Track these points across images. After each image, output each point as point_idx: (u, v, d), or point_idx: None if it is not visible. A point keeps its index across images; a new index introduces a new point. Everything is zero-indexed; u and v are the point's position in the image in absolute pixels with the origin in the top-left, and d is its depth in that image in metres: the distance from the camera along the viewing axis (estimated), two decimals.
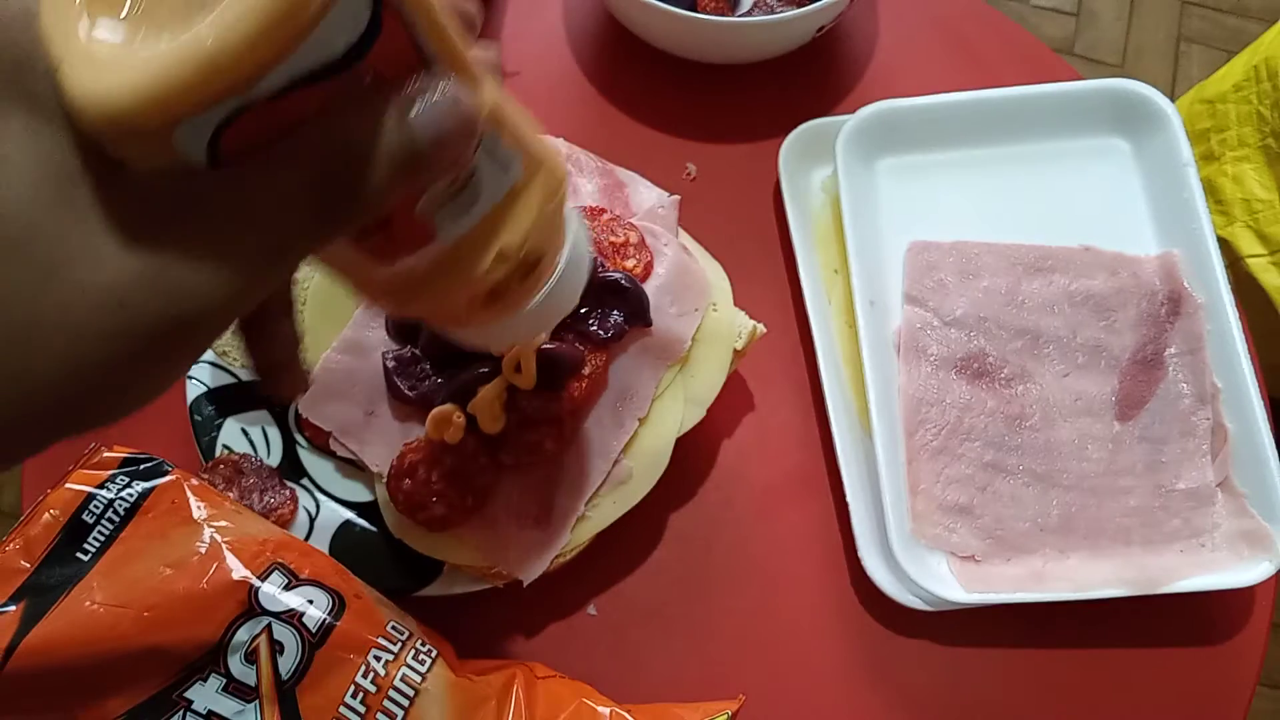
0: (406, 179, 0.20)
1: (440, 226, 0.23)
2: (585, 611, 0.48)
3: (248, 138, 0.18)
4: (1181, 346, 0.50)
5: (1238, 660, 0.48)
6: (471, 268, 0.25)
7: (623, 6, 0.57)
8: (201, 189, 0.18)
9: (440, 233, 0.24)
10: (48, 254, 0.17)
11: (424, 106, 0.19)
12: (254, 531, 0.40)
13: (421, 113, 0.19)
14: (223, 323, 0.20)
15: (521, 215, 0.25)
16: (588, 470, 0.44)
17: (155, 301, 0.18)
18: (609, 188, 0.49)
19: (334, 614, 0.38)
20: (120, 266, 0.18)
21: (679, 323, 0.45)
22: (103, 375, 0.19)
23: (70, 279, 0.18)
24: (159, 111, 0.17)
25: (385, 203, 0.20)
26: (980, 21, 0.64)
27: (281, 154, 0.19)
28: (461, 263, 0.25)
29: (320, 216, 0.19)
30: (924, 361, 0.50)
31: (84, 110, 0.17)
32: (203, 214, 0.19)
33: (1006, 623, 0.48)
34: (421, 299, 0.26)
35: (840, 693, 0.47)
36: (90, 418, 0.20)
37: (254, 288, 0.20)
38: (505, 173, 0.24)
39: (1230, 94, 0.91)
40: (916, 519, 0.47)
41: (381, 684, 0.37)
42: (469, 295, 0.26)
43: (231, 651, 0.37)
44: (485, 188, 0.24)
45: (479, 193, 0.24)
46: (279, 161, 0.19)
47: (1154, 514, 0.48)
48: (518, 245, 0.25)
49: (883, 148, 0.55)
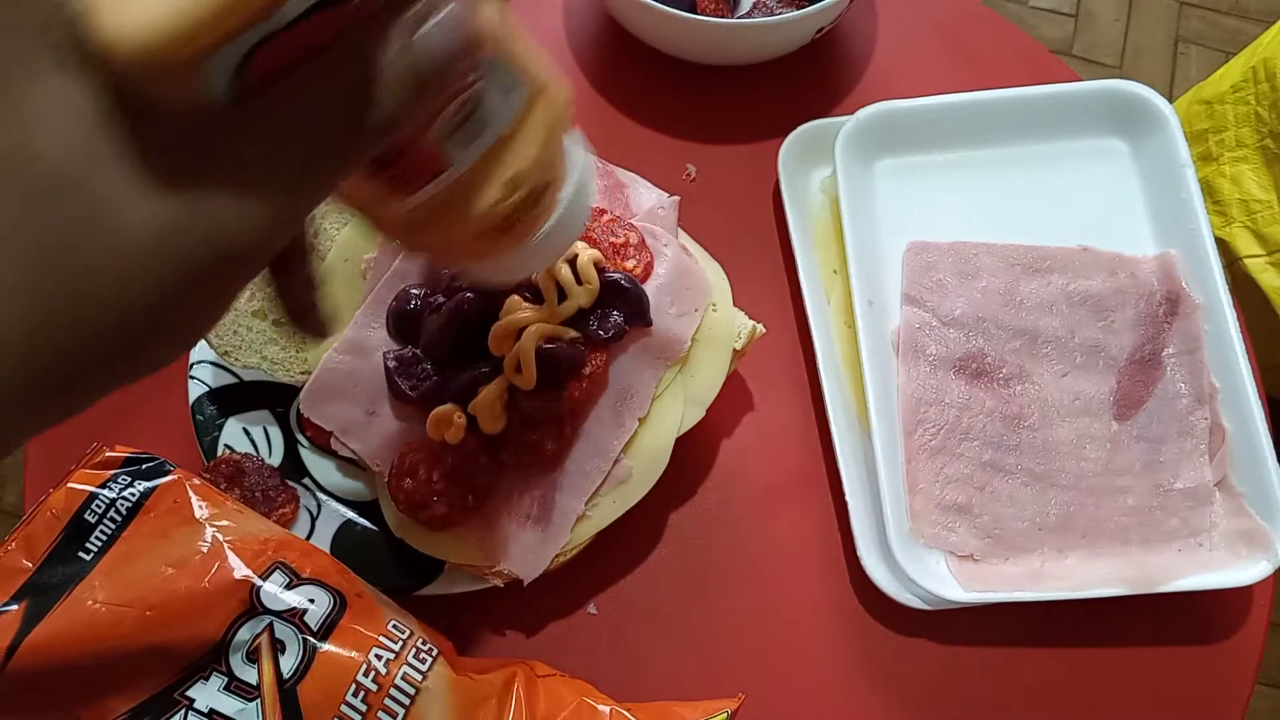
0: (419, 97, 0.21)
1: (452, 154, 0.25)
2: (585, 610, 0.48)
3: (272, 66, 0.19)
4: (1179, 346, 0.51)
5: (1236, 659, 0.48)
6: (483, 196, 0.26)
7: (623, 8, 0.57)
8: (233, 123, 0.19)
9: (452, 161, 0.25)
10: (89, 204, 0.18)
11: (430, 26, 0.20)
12: (256, 531, 0.40)
13: (428, 31, 0.20)
14: (265, 255, 0.21)
15: (528, 142, 0.26)
16: (588, 470, 0.44)
17: (197, 241, 0.19)
18: (609, 189, 0.49)
19: (335, 613, 0.38)
20: (160, 210, 0.18)
21: (679, 323, 0.45)
22: (151, 316, 0.19)
23: (113, 226, 0.18)
24: (188, 44, 0.17)
25: (402, 121, 0.21)
26: (979, 23, 0.64)
27: (303, 80, 0.19)
28: (473, 191, 0.26)
29: (345, 137, 0.20)
30: (922, 361, 0.51)
31: (114, 51, 0.17)
32: (235, 148, 0.19)
33: (1005, 622, 0.48)
34: (436, 230, 0.27)
35: (839, 691, 0.47)
36: (144, 360, 0.20)
37: (290, 217, 0.21)
38: (510, 98, 0.25)
39: (1228, 95, 0.91)
40: (915, 518, 0.47)
41: (383, 682, 0.38)
42: (480, 226, 0.27)
43: (233, 650, 0.37)
44: (492, 114, 0.25)
45: (486, 120, 0.25)
46: (302, 87, 0.19)
47: (1152, 513, 0.48)
48: (526, 171, 0.26)
49: (882, 148, 0.55)
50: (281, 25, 0.18)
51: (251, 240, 0.20)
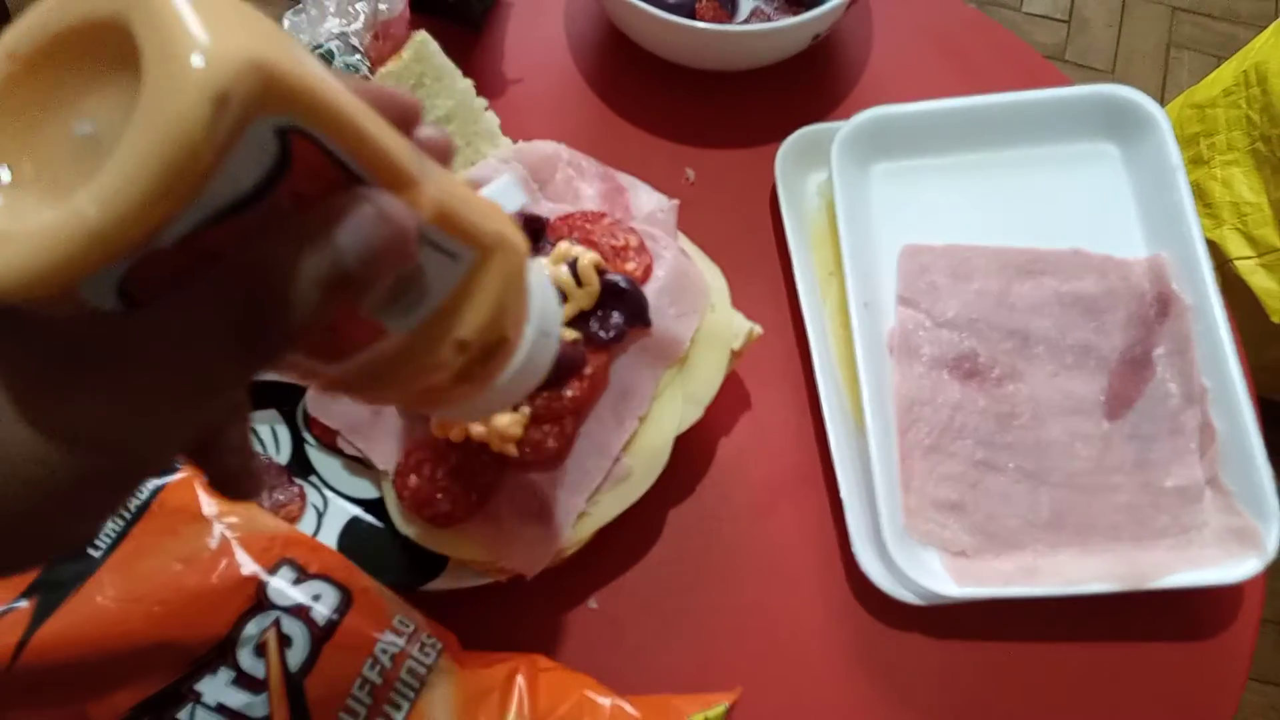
0: (336, 299, 0.18)
1: (389, 323, 0.22)
2: (586, 605, 0.49)
3: (160, 277, 0.17)
4: (1170, 347, 0.51)
5: (1227, 656, 0.48)
6: (428, 358, 0.23)
7: (623, 15, 0.58)
8: (117, 333, 0.17)
9: (390, 328, 0.22)
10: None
11: (350, 224, 0.18)
12: (263, 527, 0.40)
13: (348, 231, 0.18)
14: (155, 467, 0.19)
15: (479, 301, 0.23)
16: (589, 468, 0.45)
17: (77, 457, 0.18)
18: (609, 192, 0.50)
19: (341, 608, 0.39)
20: (37, 425, 0.17)
21: (678, 324, 0.46)
22: (31, 526, 0.18)
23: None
24: (48, 285, 0.15)
25: (316, 325, 0.18)
26: (973, 29, 0.65)
27: (200, 289, 0.17)
28: (417, 354, 0.23)
29: (247, 348, 0.18)
30: (917, 362, 0.51)
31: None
32: (121, 359, 0.17)
33: (998, 617, 0.49)
34: (379, 390, 0.24)
35: (834, 685, 0.48)
36: (21, 562, 0.20)
37: (182, 429, 0.19)
38: (456, 263, 0.22)
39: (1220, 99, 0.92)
40: (909, 515, 0.48)
41: (388, 676, 0.38)
42: (431, 382, 0.24)
43: (241, 645, 0.37)
44: (434, 281, 0.22)
45: (426, 289, 0.22)
46: (197, 297, 0.17)
47: (1143, 511, 0.49)
48: (476, 332, 0.23)
49: (877, 153, 0.56)
50: (164, 245, 0.16)
51: (140, 455, 0.18)
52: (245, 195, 0.16)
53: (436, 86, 0.48)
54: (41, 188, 0.16)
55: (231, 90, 0.15)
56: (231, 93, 0.15)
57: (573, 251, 0.44)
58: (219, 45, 0.15)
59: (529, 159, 0.50)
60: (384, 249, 0.18)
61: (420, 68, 0.48)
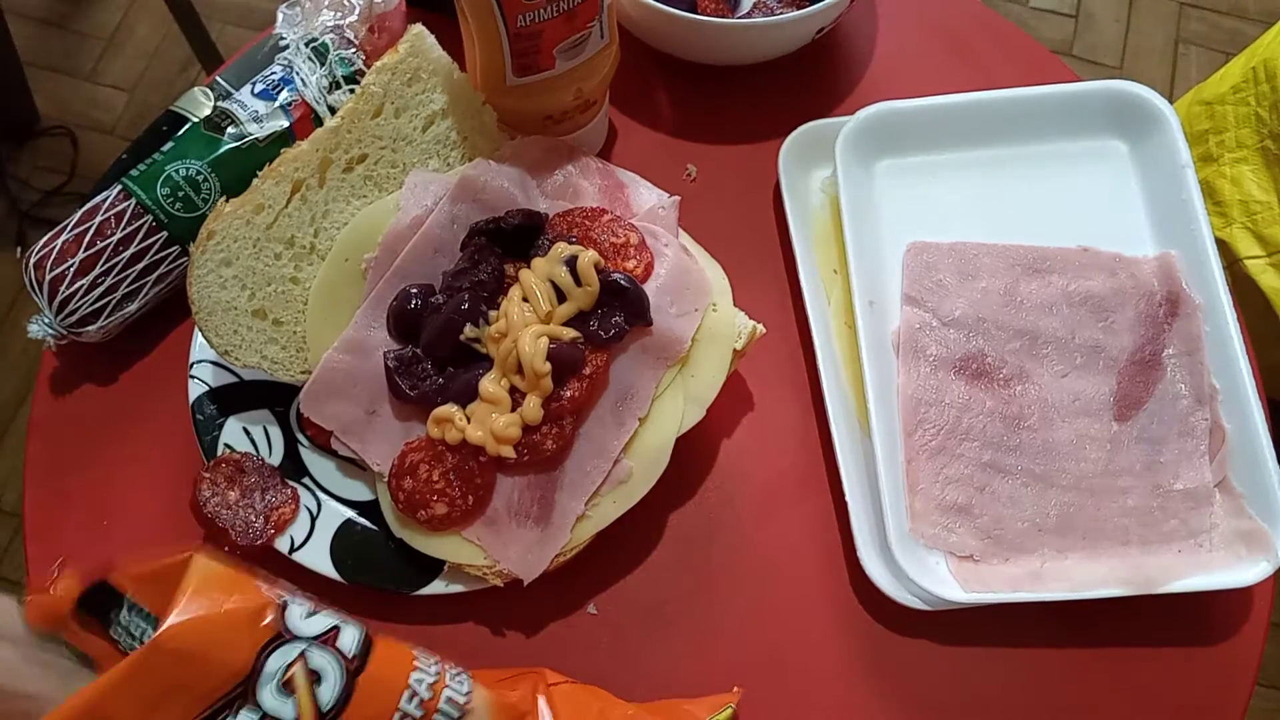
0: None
1: (558, 60, 0.45)
2: (585, 610, 0.48)
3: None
4: (1179, 347, 0.51)
5: (1236, 660, 0.48)
6: (562, 91, 0.48)
7: (624, 8, 0.57)
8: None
9: (557, 64, 0.45)
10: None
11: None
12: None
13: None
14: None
15: (596, 70, 0.48)
16: (588, 469, 0.44)
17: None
18: (609, 188, 0.49)
19: (365, 639, 0.35)
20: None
21: (679, 323, 0.45)
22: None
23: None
24: None
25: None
26: (979, 23, 0.64)
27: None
28: (558, 87, 0.48)
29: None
30: (923, 362, 0.51)
31: None
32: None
33: (1005, 622, 0.48)
34: (525, 100, 0.47)
35: (838, 691, 0.47)
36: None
37: None
38: (603, 40, 0.46)
39: (1228, 96, 0.91)
40: (915, 518, 0.47)
41: (428, 707, 0.35)
42: (550, 108, 0.48)
43: (263, 683, 0.33)
44: (590, 45, 0.46)
45: (584, 50, 0.46)
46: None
47: (1152, 514, 0.48)
48: (590, 88, 0.49)
49: (882, 149, 0.55)
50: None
51: None
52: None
53: (433, 81, 0.48)
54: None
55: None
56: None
57: (571, 250, 0.44)
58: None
59: (527, 155, 0.49)
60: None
61: (416, 62, 0.48)
